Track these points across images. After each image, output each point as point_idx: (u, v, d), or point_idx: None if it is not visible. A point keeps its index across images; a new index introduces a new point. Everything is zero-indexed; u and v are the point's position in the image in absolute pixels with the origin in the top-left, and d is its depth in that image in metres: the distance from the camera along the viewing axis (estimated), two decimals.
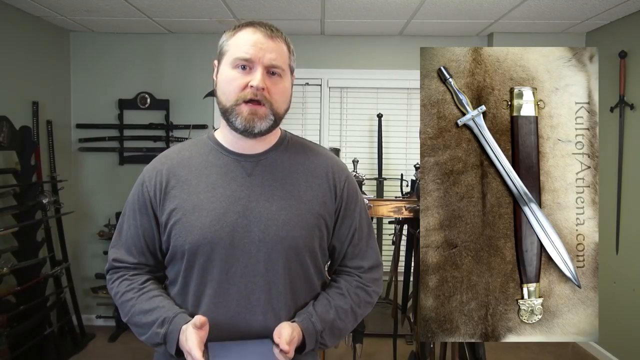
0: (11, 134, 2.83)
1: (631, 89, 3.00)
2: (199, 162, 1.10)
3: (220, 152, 1.11)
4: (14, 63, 3.09)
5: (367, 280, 1.18)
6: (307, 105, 3.80)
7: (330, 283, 1.18)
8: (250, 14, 3.19)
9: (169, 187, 1.08)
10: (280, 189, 1.08)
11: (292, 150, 1.15)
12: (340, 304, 1.11)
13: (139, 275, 1.12)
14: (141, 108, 3.71)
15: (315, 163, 1.14)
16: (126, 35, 3.72)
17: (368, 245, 1.20)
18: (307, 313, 1.07)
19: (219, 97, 1.06)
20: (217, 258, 1.04)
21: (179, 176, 1.09)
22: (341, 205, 1.14)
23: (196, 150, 1.13)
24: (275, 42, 1.04)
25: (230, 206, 1.05)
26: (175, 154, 1.13)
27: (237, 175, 1.08)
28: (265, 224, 1.05)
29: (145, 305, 1.06)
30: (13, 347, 2.73)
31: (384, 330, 3.27)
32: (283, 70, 1.05)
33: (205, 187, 1.07)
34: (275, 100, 1.04)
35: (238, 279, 1.05)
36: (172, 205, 1.06)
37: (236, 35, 1.05)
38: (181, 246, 1.05)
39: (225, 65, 1.04)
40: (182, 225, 1.05)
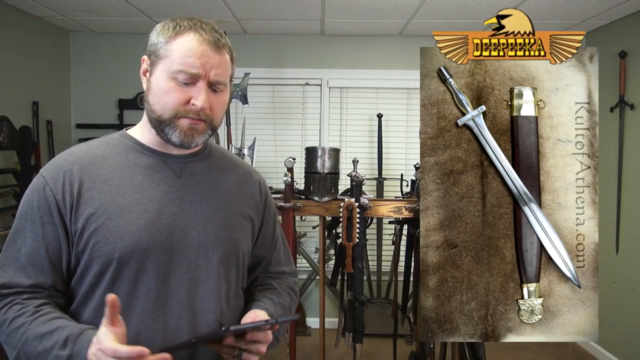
0: (11, 134, 2.83)
1: (631, 89, 3.00)
2: (118, 162, 0.97)
3: (142, 151, 0.99)
4: (14, 63, 3.09)
5: (292, 283, 1.19)
6: (307, 105, 3.80)
7: (258, 287, 1.13)
8: (250, 14, 3.19)
9: (84, 188, 0.93)
10: (213, 191, 1.02)
11: (216, 155, 1.09)
12: (281, 301, 1.09)
13: (33, 300, 0.90)
14: (141, 108, 3.69)
15: (239, 168, 1.12)
16: (126, 35, 3.72)
17: (286, 251, 1.21)
18: (262, 308, 1.02)
19: (152, 105, 0.94)
20: (153, 265, 0.92)
21: (96, 176, 0.94)
22: (265, 210, 1.13)
23: (110, 150, 0.99)
24: (221, 54, 0.94)
25: (163, 207, 0.95)
26: (85, 153, 0.98)
27: (166, 176, 0.98)
28: (204, 225, 0.97)
29: (41, 328, 0.85)
30: None
31: (384, 330, 3.27)
32: (225, 85, 0.97)
33: (131, 188, 0.94)
34: (215, 115, 0.96)
35: (177, 288, 0.93)
36: (91, 209, 0.91)
37: (179, 40, 0.92)
38: (108, 254, 0.90)
39: (162, 72, 0.92)
40: (108, 230, 0.90)
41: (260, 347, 0.92)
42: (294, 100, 3.81)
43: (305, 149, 2.42)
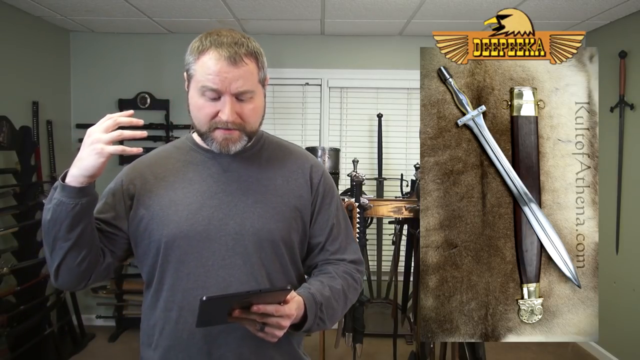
0: (11, 134, 2.83)
1: (631, 89, 3.00)
2: (177, 161, 1.13)
3: (197, 150, 1.13)
4: (14, 63, 3.09)
5: (352, 269, 1.18)
6: (307, 105, 3.80)
7: (314, 272, 1.17)
8: (250, 14, 3.19)
9: (148, 183, 1.09)
10: (256, 184, 1.10)
11: (268, 148, 1.17)
12: (333, 284, 1.10)
13: None
14: (141, 108, 3.70)
15: (291, 159, 1.17)
16: (126, 35, 3.72)
17: (348, 239, 1.20)
18: (304, 287, 1.07)
19: (193, 120, 1.07)
20: (194, 251, 1.04)
21: (156, 173, 1.11)
22: (317, 199, 1.16)
23: (175, 151, 1.16)
24: (239, 67, 0.99)
25: (206, 200, 1.07)
26: (155, 155, 1.17)
27: (214, 172, 1.10)
28: (241, 216, 1.06)
29: None
30: (13, 347, 2.73)
31: (384, 330, 3.27)
32: (253, 92, 1.03)
33: (182, 184, 1.09)
34: (248, 123, 1.04)
35: (215, 272, 1.04)
36: (149, 201, 1.07)
37: (201, 60, 1.01)
38: (158, 240, 1.05)
39: (193, 90, 1.03)
40: (159, 219, 1.05)
41: (279, 321, 0.93)
42: (294, 100, 3.81)
43: (305, 149, 2.42)
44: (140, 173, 1.11)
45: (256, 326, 0.94)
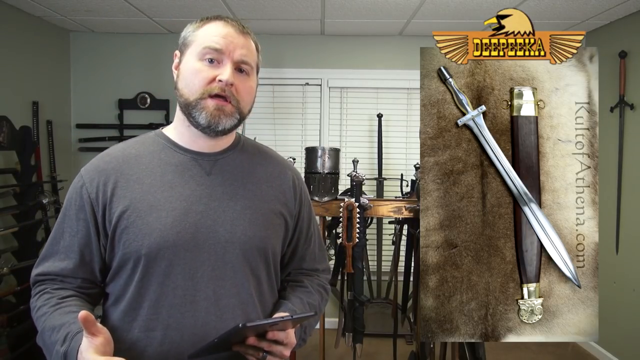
0: (11, 134, 2.83)
1: (631, 89, 3.00)
2: (150, 160, 1.00)
3: (174, 150, 1.02)
4: (14, 63, 3.09)
5: (324, 280, 1.19)
6: (307, 105, 3.80)
7: (290, 283, 1.14)
8: (250, 14, 3.19)
9: (118, 187, 0.96)
10: (242, 189, 1.03)
11: (248, 151, 1.10)
12: (311, 301, 1.10)
13: (62, 290, 0.97)
14: (141, 108, 3.71)
15: (272, 163, 1.12)
16: (126, 35, 3.72)
17: (321, 249, 1.20)
18: (288, 307, 1.04)
19: (181, 90, 0.97)
20: (181, 262, 0.94)
21: (128, 175, 0.97)
22: (300, 208, 1.13)
23: (144, 149, 1.02)
24: (246, 38, 0.99)
25: (191, 206, 0.96)
26: (120, 152, 1.02)
27: (196, 174, 1.00)
28: (231, 223, 0.98)
29: (56, 321, 0.90)
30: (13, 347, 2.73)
31: (384, 330, 3.27)
32: (252, 68, 1.00)
33: (161, 187, 0.97)
34: (242, 99, 0.98)
35: (205, 284, 0.95)
36: (122, 207, 0.95)
37: (205, 27, 0.98)
38: (136, 251, 0.93)
39: (190, 56, 0.97)
40: (137, 227, 0.93)
41: (282, 350, 0.91)
42: (294, 100, 3.81)
43: (305, 149, 2.42)
44: (107, 175, 0.97)
45: (259, 355, 0.89)
